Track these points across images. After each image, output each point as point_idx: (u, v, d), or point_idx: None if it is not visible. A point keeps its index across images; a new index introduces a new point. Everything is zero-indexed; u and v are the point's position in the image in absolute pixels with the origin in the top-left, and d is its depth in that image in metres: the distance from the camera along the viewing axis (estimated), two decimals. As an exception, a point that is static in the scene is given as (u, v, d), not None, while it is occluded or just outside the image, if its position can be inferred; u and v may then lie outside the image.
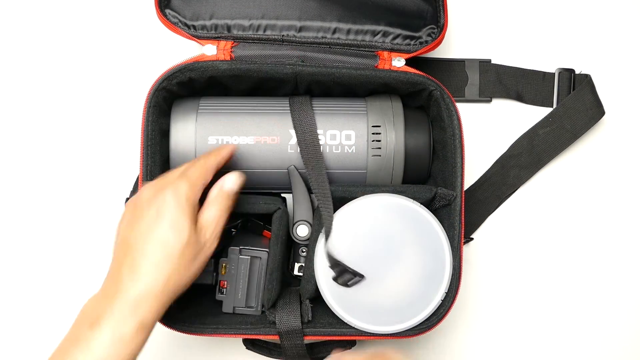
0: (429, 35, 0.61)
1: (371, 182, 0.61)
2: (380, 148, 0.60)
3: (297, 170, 0.59)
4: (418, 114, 0.63)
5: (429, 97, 0.61)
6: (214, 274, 0.59)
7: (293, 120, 0.58)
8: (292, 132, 0.59)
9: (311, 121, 0.58)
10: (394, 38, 0.61)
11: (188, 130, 0.59)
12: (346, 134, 0.60)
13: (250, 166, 0.59)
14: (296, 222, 0.59)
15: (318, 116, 0.60)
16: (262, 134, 0.59)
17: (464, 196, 0.59)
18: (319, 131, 0.59)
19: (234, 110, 0.60)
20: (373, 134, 0.60)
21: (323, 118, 0.60)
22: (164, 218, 0.47)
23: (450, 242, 0.58)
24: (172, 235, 0.47)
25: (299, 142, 0.58)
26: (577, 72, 0.72)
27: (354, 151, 0.60)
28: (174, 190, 0.48)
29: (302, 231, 0.58)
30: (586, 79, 0.71)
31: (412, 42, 0.61)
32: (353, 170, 0.60)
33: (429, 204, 0.61)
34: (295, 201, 0.59)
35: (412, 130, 0.61)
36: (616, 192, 0.72)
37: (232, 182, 0.53)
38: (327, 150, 0.59)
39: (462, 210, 0.59)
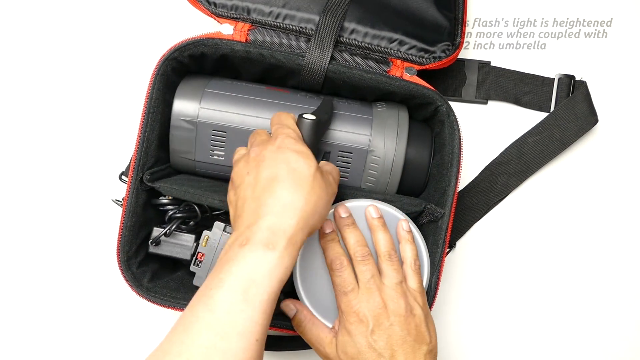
0: (443, 51, 0.62)
1: (377, 131, 0.60)
2: (385, 109, 0.60)
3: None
4: (421, 123, 0.63)
5: (434, 112, 0.61)
6: (195, 245, 0.59)
7: None
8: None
9: None
10: (409, 48, 0.61)
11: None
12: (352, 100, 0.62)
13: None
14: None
15: None
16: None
17: (452, 216, 0.59)
18: None
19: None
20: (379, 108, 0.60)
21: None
22: (291, 150, 0.49)
23: (431, 258, 0.58)
24: (302, 160, 0.48)
25: None
26: (577, 78, 0.72)
27: (359, 105, 0.61)
28: (284, 134, 0.50)
29: (308, 116, 0.54)
30: (581, 87, 0.71)
31: (426, 55, 0.62)
32: (359, 115, 0.60)
33: (416, 218, 0.60)
34: None
35: (415, 136, 0.61)
36: (604, 201, 0.72)
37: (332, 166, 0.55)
38: (335, 102, 0.61)
39: (448, 229, 0.59)
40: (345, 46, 0.61)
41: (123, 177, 0.64)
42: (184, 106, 0.59)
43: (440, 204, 0.59)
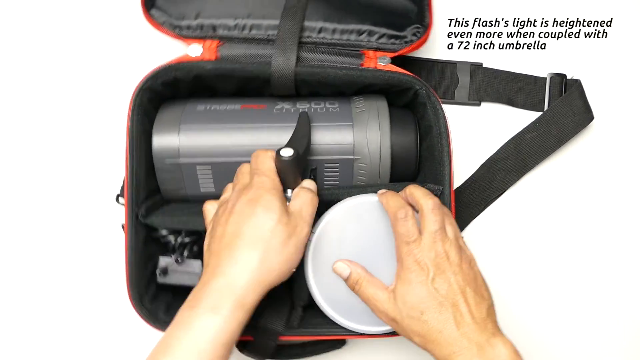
0: (414, 34, 0.62)
1: (358, 134, 0.59)
2: (365, 111, 0.60)
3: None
4: (402, 109, 0.63)
5: (414, 97, 0.61)
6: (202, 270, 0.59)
7: None
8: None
9: None
10: (379, 37, 0.61)
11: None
12: (330, 101, 0.62)
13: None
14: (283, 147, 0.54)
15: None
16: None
17: (453, 194, 0.59)
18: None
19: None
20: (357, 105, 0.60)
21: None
22: (258, 204, 0.50)
23: None
24: (264, 215, 0.49)
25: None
26: (568, 77, 0.72)
27: (338, 110, 0.61)
28: (257, 185, 0.51)
29: (286, 152, 0.53)
30: (575, 84, 0.71)
31: (397, 41, 0.61)
32: (339, 124, 0.60)
33: None
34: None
35: (398, 124, 0.61)
36: (601, 197, 0.72)
37: (309, 183, 0.56)
38: (312, 111, 0.61)
39: (452, 206, 0.59)
40: (316, 46, 0.61)
41: (120, 199, 0.63)
42: (163, 147, 0.59)
43: (438, 183, 0.59)
